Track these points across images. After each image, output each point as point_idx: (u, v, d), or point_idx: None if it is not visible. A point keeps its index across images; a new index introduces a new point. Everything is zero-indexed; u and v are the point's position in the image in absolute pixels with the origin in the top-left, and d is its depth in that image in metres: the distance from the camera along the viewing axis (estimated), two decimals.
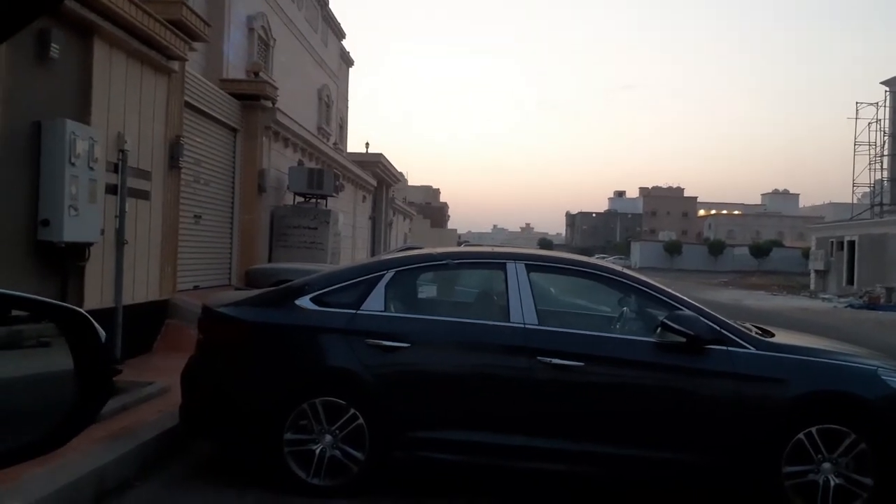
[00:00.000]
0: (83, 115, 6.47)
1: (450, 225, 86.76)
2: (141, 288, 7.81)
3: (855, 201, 45.77)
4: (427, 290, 5.46)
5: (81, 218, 6.08)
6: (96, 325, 0.91)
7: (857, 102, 63.63)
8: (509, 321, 4.47)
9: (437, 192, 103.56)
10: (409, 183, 68.84)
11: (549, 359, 4.31)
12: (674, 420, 4.38)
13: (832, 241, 39.44)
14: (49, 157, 5.86)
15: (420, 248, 7.35)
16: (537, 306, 4.54)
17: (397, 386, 4.38)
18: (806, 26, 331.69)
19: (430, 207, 77.84)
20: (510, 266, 4.66)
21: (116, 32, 6.82)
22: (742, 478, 4.30)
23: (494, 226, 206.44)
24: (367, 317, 4.49)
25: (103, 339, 0.91)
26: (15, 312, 1.03)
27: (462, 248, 6.88)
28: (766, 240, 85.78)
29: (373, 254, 24.78)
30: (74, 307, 0.93)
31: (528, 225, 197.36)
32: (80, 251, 6.40)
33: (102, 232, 6.62)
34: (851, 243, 36.80)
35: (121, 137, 7.07)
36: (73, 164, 5.92)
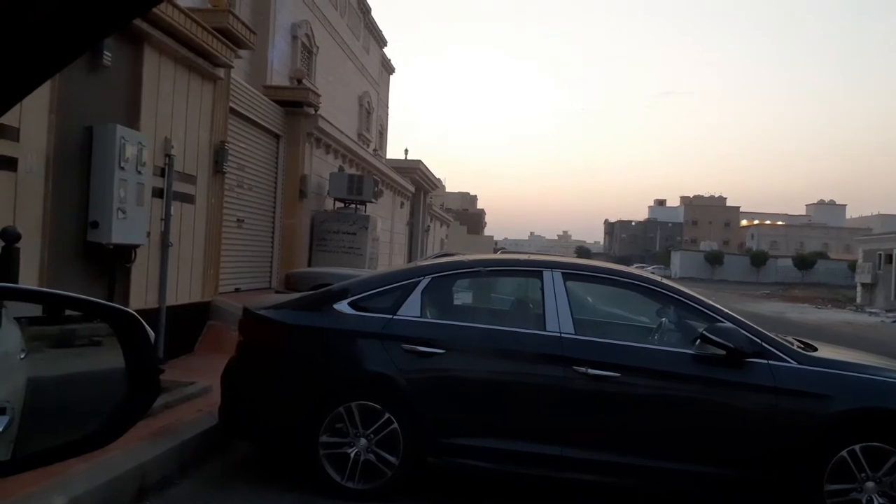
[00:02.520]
0: (132, 121, 6.66)
1: (486, 232, 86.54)
2: (184, 290, 7.98)
3: None
4: (463, 297, 5.48)
5: (129, 220, 6.25)
6: (146, 325, 0.95)
7: None
8: (545, 330, 4.46)
9: (474, 198, 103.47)
10: (447, 189, 68.98)
11: (584, 369, 4.29)
12: (712, 434, 4.31)
13: (880, 254, 38.35)
14: (100, 161, 6.04)
15: (456, 254, 7.37)
16: (574, 315, 4.52)
17: (432, 392, 4.39)
18: (853, 33, 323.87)
19: (468, 214, 77.81)
20: (546, 274, 4.65)
21: (166, 40, 7.01)
22: (783, 494, 4.21)
23: (531, 233, 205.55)
24: (404, 322, 4.52)
25: (152, 339, 0.95)
26: (69, 312, 1.08)
27: (498, 256, 6.88)
28: (811, 251, 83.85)
29: (410, 260, 24.89)
30: (125, 308, 0.97)
31: (565, 233, 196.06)
32: (126, 253, 6.58)
33: (148, 234, 6.79)
34: None
35: (168, 142, 7.26)
36: (122, 168, 6.09)
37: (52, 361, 1.21)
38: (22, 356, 1.08)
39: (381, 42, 28.40)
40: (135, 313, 0.95)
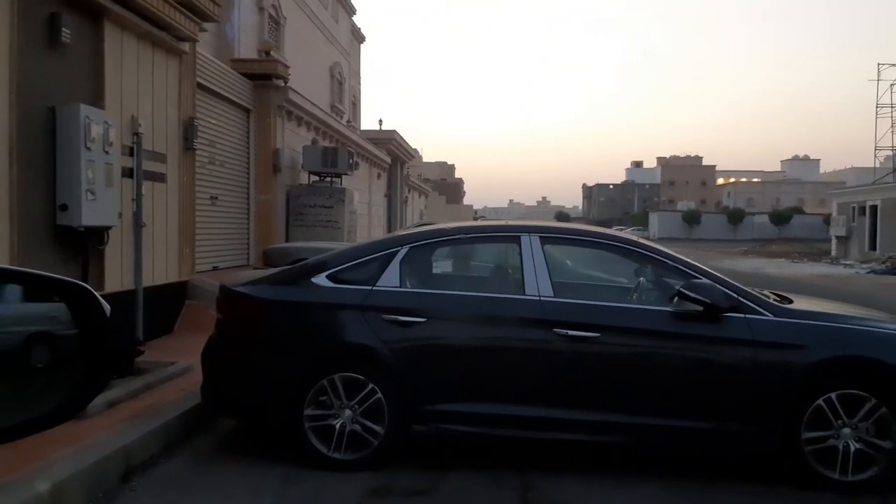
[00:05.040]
0: (97, 100, 6.50)
1: (465, 201, 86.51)
2: (160, 270, 7.89)
3: (877, 165, 45.02)
4: (442, 266, 5.46)
5: (99, 202, 6.13)
6: (101, 298, 0.92)
7: (878, 63, 62.30)
8: (525, 294, 4.47)
9: (452, 167, 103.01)
10: (424, 159, 68.54)
11: (565, 330, 4.31)
12: (692, 388, 4.37)
13: (854, 207, 38.86)
14: (65, 143, 5.90)
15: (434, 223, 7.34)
16: (553, 278, 4.53)
17: (415, 360, 4.40)
18: None
19: (446, 183, 77.50)
20: (524, 239, 4.64)
21: (126, 15, 6.82)
22: (761, 444, 4.30)
23: (510, 200, 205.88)
24: (383, 293, 4.50)
25: (108, 313, 0.92)
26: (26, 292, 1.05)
27: (476, 223, 6.87)
28: (787, 207, 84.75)
29: (389, 231, 24.81)
30: (78, 281, 0.94)
31: (544, 198, 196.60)
32: (99, 235, 6.47)
33: (120, 215, 6.67)
34: (874, 208, 36.21)
35: (135, 121, 7.10)
36: (88, 149, 5.96)
37: (12, 341, 1.18)
38: None
39: (350, 10, 27.93)
40: (87, 286, 0.92)
